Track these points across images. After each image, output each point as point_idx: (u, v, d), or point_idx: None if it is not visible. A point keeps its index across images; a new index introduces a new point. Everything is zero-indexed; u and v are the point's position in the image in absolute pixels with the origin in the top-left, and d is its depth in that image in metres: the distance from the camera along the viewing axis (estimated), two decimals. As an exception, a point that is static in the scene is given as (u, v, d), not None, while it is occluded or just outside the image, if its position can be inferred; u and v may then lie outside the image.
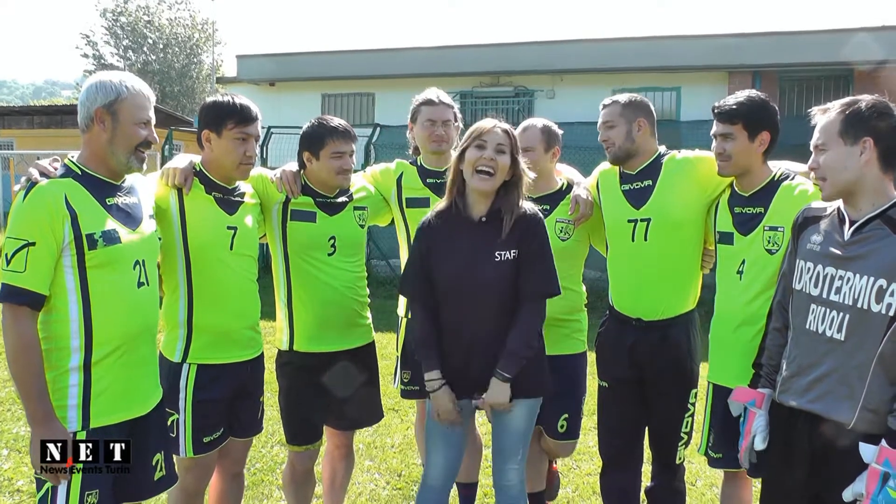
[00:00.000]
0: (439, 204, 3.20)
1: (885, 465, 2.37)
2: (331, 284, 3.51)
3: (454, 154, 3.16)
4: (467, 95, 17.53)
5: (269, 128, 13.49)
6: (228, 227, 3.21)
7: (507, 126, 3.10)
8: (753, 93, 3.26)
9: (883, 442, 2.40)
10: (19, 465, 4.80)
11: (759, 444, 2.80)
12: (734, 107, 3.17)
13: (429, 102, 3.80)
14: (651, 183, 3.50)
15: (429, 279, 3.12)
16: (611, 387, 3.66)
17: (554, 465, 4.29)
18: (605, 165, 3.76)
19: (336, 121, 3.53)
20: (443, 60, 17.50)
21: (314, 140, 3.48)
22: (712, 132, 3.26)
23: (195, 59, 45.08)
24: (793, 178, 3.21)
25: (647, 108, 3.55)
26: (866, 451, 2.42)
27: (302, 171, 3.56)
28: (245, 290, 3.29)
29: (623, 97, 3.55)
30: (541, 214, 3.16)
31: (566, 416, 3.76)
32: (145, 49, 44.22)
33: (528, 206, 3.12)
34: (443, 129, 3.76)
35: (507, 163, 3.03)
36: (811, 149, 2.65)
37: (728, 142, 3.18)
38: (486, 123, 3.06)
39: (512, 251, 3.04)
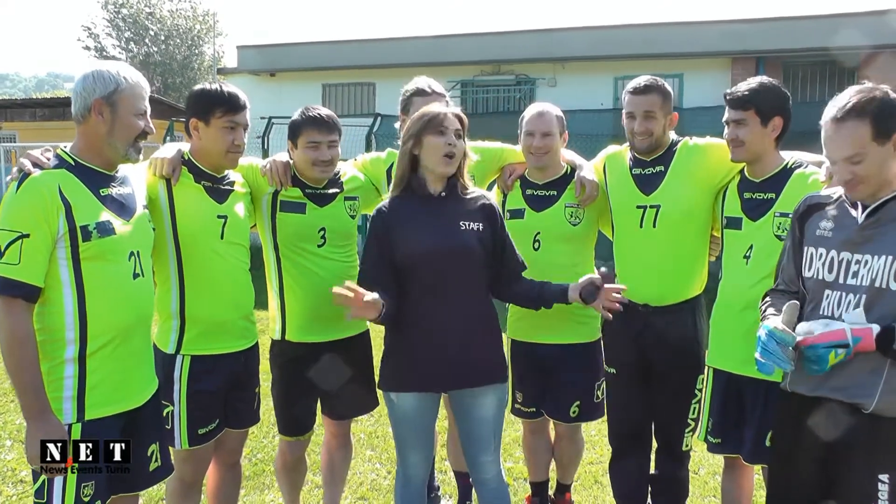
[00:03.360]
0: (391, 192, 3.18)
1: (854, 339, 2.38)
2: (321, 275, 3.47)
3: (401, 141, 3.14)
4: (468, 84, 17.49)
5: (270, 118, 13.47)
6: (219, 216, 3.19)
7: (457, 110, 3.14)
8: (765, 79, 3.26)
9: (875, 329, 2.38)
10: (22, 456, 4.79)
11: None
12: (746, 93, 3.17)
13: (421, 93, 3.71)
14: (663, 169, 3.48)
15: (389, 264, 3.04)
16: (618, 373, 3.66)
17: (568, 494, 4.24)
18: (612, 148, 3.73)
19: (319, 110, 3.47)
20: (444, 49, 17.46)
21: (293, 128, 3.46)
22: (724, 118, 3.24)
23: (196, 51, 44.94)
24: (806, 167, 3.20)
25: (672, 99, 3.52)
26: (855, 314, 2.43)
27: (292, 162, 3.53)
28: (237, 280, 3.26)
29: (658, 84, 3.45)
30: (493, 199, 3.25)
31: (578, 402, 3.75)
32: (147, 41, 44.09)
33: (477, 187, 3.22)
34: None
35: (464, 146, 3.10)
36: (836, 161, 2.49)
37: (741, 128, 3.17)
38: (438, 108, 3.09)
39: (476, 224, 3.07)
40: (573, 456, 4.10)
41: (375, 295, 2.84)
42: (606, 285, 3.07)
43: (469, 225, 3.06)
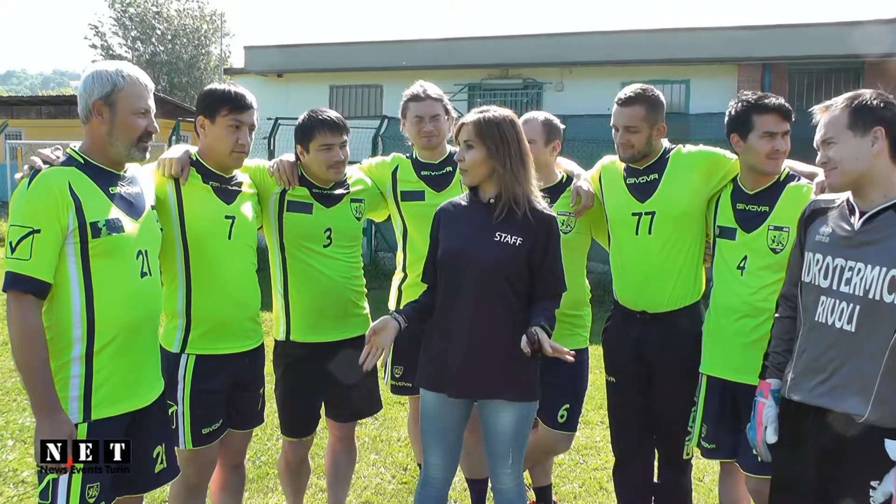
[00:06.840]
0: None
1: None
2: (326, 274, 3.50)
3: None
4: (476, 88, 17.52)
5: (277, 119, 13.51)
6: (226, 217, 3.19)
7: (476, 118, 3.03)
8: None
9: None
10: (24, 456, 4.80)
11: (771, 437, 2.73)
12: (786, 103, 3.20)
13: (415, 98, 3.73)
14: (657, 177, 3.49)
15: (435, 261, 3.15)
16: (618, 381, 3.66)
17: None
18: (608, 158, 3.75)
19: (327, 112, 3.49)
20: (451, 52, 17.50)
21: (304, 132, 3.46)
22: (771, 129, 3.12)
23: (203, 51, 45.12)
24: (798, 180, 3.23)
25: (664, 106, 3.51)
26: (892, 447, 2.39)
27: (298, 163, 3.54)
28: (244, 280, 3.26)
29: (645, 94, 3.44)
30: (555, 216, 3.12)
31: (567, 406, 3.75)
32: (153, 40, 44.25)
33: (545, 204, 3.10)
34: (431, 124, 3.71)
35: (475, 157, 3.00)
36: (816, 146, 2.62)
37: (787, 139, 3.16)
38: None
39: (516, 238, 2.98)
40: (543, 459, 4.08)
41: (386, 333, 3.00)
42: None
43: (504, 237, 2.99)
